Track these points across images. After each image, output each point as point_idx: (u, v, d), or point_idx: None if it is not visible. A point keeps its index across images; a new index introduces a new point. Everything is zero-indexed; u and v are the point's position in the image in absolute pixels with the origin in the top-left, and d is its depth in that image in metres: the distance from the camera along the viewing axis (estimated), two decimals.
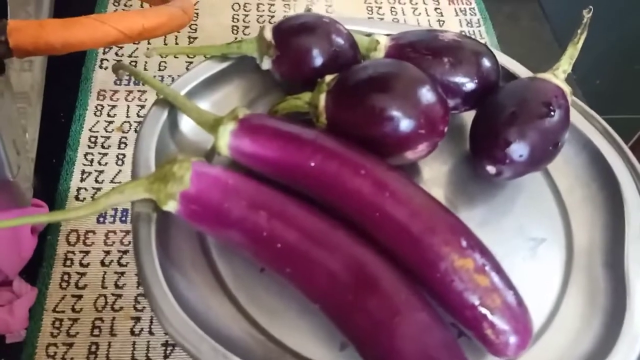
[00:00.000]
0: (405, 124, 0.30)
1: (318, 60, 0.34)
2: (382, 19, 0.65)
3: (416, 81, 0.31)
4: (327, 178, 0.29)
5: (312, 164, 0.29)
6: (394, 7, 0.66)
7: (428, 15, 0.66)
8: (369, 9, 0.66)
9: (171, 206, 0.29)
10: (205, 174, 0.29)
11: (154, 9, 0.39)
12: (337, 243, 0.28)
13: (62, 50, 0.36)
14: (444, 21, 0.65)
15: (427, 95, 0.31)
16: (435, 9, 0.67)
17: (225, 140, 0.30)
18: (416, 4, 0.67)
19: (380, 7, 0.66)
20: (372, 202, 0.29)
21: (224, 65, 0.36)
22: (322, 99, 0.32)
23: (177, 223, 0.31)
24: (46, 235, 0.47)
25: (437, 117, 0.31)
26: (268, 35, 0.34)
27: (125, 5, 0.64)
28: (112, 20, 0.36)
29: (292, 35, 0.34)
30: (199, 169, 0.29)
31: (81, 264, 0.46)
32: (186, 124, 0.35)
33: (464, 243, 0.27)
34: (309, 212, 0.28)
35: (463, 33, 0.64)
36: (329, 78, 0.32)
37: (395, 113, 0.30)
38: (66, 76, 0.57)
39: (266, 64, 0.35)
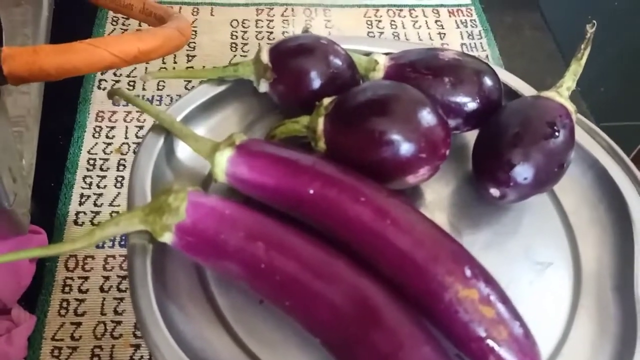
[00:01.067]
0: (406, 148, 0.30)
1: (316, 83, 0.33)
2: (382, 33, 0.64)
3: (416, 103, 0.30)
4: (327, 205, 0.28)
5: (311, 191, 0.29)
6: (394, 21, 0.65)
7: (429, 28, 0.65)
8: (369, 23, 0.65)
9: (167, 238, 0.28)
10: (201, 204, 0.28)
11: (149, 31, 0.39)
12: (338, 274, 0.27)
13: (57, 76, 0.35)
14: (444, 34, 0.65)
15: (427, 117, 0.30)
16: (436, 21, 0.66)
17: (222, 167, 0.30)
18: (416, 17, 0.66)
19: (380, 21, 0.66)
20: (373, 230, 0.28)
21: (221, 88, 0.36)
22: (321, 122, 0.31)
23: (173, 254, 0.30)
24: (45, 262, 0.47)
25: (438, 140, 0.30)
26: (265, 57, 0.33)
27: (123, 24, 0.64)
28: (106, 45, 0.35)
29: (289, 57, 0.33)
30: (194, 199, 0.28)
31: (80, 290, 0.46)
32: (183, 150, 0.34)
33: (468, 272, 0.26)
34: (308, 241, 0.28)
35: (464, 45, 0.63)
36: (327, 101, 0.32)
37: (396, 137, 0.29)
38: (64, 98, 0.57)
39: (263, 87, 0.34)
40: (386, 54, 0.35)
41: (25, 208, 0.43)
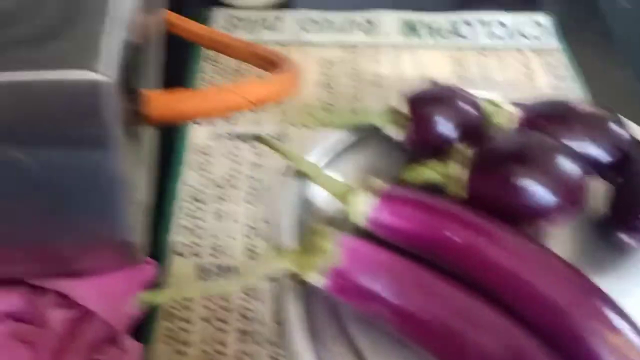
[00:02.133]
0: (548, 197, 0.30)
1: (451, 131, 0.34)
2: (468, 74, 0.65)
3: (558, 154, 0.31)
4: (474, 253, 0.29)
5: (458, 240, 0.29)
6: (480, 62, 0.67)
7: (515, 70, 0.66)
8: (457, 64, 0.66)
9: (318, 280, 0.29)
10: (356, 249, 0.29)
11: (273, 77, 0.41)
12: (490, 322, 0.27)
13: (191, 118, 0.37)
14: (532, 76, 0.65)
15: (569, 167, 0.31)
16: (523, 63, 0.67)
17: (363, 211, 0.31)
18: (503, 58, 0.67)
19: (466, 62, 0.67)
20: (520, 278, 0.28)
21: (350, 134, 0.37)
22: (463, 170, 0.32)
23: (313, 295, 0.31)
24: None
25: (578, 190, 0.31)
26: (402, 107, 0.35)
27: (215, 61, 0.66)
28: (241, 91, 0.37)
29: (426, 106, 0.34)
30: (349, 244, 0.29)
31: (184, 320, 0.47)
32: (313, 193, 0.35)
33: (613, 317, 0.27)
34: (457, 289, 0.28)
35: (553, 88, 0.64)
36: (463, 148, 0.32)
37: (539, 187, 0.30)
38: (162, 132, 0.59)
39: (397, 135, 0.35)
40: (511, 103, 0.36)
41: (143, 240, 0.45)
